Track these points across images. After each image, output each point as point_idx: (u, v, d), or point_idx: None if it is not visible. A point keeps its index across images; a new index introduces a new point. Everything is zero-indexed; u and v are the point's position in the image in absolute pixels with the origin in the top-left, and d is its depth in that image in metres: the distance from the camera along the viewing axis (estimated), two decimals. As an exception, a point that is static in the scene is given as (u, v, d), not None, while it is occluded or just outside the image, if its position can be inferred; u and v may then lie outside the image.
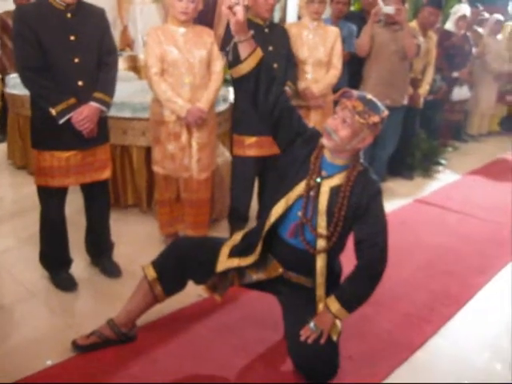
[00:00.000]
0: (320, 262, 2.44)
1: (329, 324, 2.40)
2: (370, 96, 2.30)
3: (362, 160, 2.40)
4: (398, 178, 5.61)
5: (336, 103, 2.41)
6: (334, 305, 2.39)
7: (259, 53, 2.41)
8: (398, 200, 4.99)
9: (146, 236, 3.94)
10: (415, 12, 5.79)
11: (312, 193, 2.38)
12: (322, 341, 2.36)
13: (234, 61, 2.46)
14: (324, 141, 2.34)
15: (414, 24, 5.14)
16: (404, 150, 5.45)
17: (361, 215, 2.34)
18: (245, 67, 2.40)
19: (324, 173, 2.38)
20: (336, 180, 2.36)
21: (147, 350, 2.64)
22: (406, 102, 4.91)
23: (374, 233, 2.36)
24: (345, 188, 2.33)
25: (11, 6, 5.58)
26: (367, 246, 2.36)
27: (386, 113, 2.28)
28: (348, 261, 2.52)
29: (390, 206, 4.79)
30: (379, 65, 4.70)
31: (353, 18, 5.07)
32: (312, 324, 2.40)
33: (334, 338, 2.42)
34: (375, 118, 2.24)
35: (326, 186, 2.37)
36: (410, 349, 2.76)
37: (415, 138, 5.71)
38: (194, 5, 3.28)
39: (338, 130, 2.28)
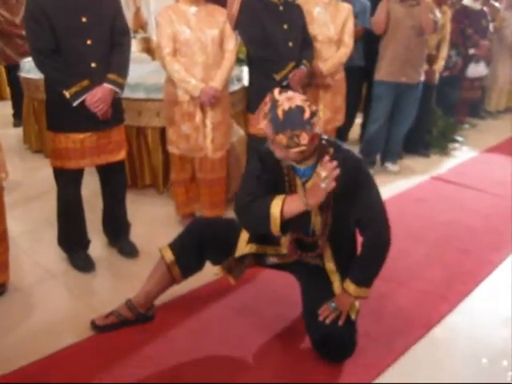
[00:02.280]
0: (327, 251, 2.48)
1: (347, 304, 2.40)
2: (279, 113, 2.05)
3: (324, 141, 2.26)
4: (415, 156, 5.57)
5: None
6: (350, 287, 2.39)
7: None
8: (414, 177, 4.97)
9: (163, 216, 3.96)
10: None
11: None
12: (341, 322, 2.36)
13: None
14: (283, 160, 2.24)
15: (429, -1, 5.06)
16: (420, 127, 5.39)
17: (351, 193, 2.29)
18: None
19: (304, 179, 2.32)
20: None
21: (164, 330, 2.67)
22: (422, 78, 4.85)
23: (369, 207, 2.33)
24: None
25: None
26: (366, 222, 2.35)
27: (306, 114, 2.05)
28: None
29: (406, 183, 4.80)
30: (395, 41, 4.63)
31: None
32: (332, 304, 2.40)
33: (353, 316, 2.43)
34: (304, 136, 2.04)
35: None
36: (426, 326, 2.76)
37: (432, 115, 5.65)
38: None
39: (287, 155, 2.18)
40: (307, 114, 2.06)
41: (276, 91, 2.14)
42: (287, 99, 2.08)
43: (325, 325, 2.38)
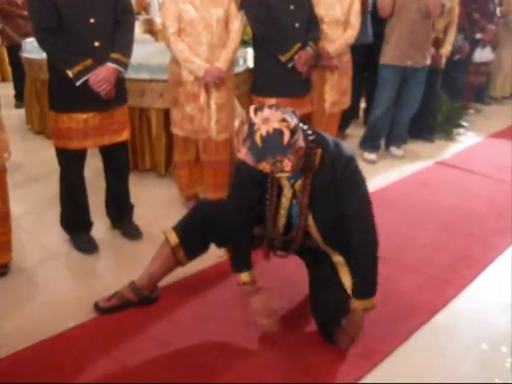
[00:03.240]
0: (327, 250, 2.47)
1: (361, 321, 2.34)
2: (257, 140, 1.94)
3: (311, 141, 2.16)
4: (419, 141, 5.53)
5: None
6: (356, 304, 2.32)
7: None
8: (419, 162, 4.94)
9: (165, 199, 3.94)
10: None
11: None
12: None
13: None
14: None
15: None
16: (425, 111, 5.34)
17: (337, 191, 2.24)
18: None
19: (293, 181, 2.29)
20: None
21: (168, 312, 2.66)
22: (428, 62, 4.80)
23: (354, 203, 2.25)
24: (305, 180, 2.25)
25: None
26: (352, 223, 2.27)
27: (285, 137, 1.93)
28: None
29: (411, 167, 4.78)
30: (401, 25, 4.57)
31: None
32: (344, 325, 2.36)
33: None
34: (287, 163, 1.95)
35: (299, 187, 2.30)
36: (431, 310, 2.74)
37: (436, 100, 5.60)
38: None
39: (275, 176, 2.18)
40: (286, 137, 1.93)
41: (251, 111, 1.99)
42: (263, 122, 1.94)
43: (329, 309, 2.37)
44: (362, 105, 5.89)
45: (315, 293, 2.48)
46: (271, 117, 1.95)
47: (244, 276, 2.44)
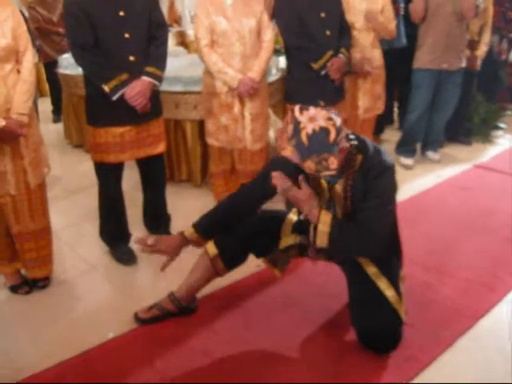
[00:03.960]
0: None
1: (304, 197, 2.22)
2: (303, 138, 1.97)
3: (354, 146, 2.17)
4: (456, 144, 5.44)
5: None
6: (325, 219, 2.21)
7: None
8: (457, 166, 4.87)
9: (202, 209, 3.89)
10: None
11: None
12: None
13: None
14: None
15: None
16: (461, 114, 5.26)
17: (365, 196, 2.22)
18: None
19: (330, 184, 2.30)
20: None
21: (207, 322, 2.67)
22: (464, 64, 4.73)
23: (372, 207, 2.19)
24: (346, 184, 2.24)
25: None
26: (363, 215, 2.22)
27: (332, 135, 1.96)
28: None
29: (449, 171, 4.71)
30: (435, 27, 4.52)
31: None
32: None
33: (403, 316, 2.38)
34: (332, 161, 1.98)
35: (337, 190, 2.30)
36: (474, 317, 2.69)
37: (473, 102, 5.52)
38: None
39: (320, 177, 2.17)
40: (332, 135, 1.96)
41: (297, 110, 2.01)
42: (310, 120, 1.97)
43: (370, 315, 2.35)
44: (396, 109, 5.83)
45: (354, 302, 2.46)
46: (317, 115, 1.98)
47: (191, 231, 2.57)
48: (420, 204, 4.03)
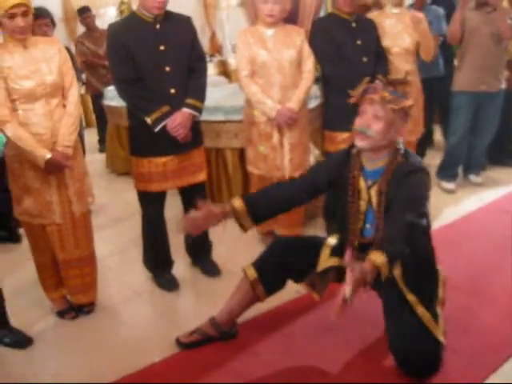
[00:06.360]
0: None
1: (365, 273, 2.19)
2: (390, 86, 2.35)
3: (401, 149, 2.42)
4: (499, 166, 5.35)
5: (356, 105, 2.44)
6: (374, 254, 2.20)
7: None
8: (499, 189, 4.79)
9: (242, 235, 3.98)
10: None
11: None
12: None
13: None
14: (358, 143, 2.38)
15: (505, 3, 4.89)
16: (503, 136, 5.20)
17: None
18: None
19: (369, 182, 2.42)
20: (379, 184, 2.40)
21: (248, 346, 2.71)
22: (503, 85, 4.69)
23: (407, 200, 2.26)
24: (381, 184, 2.38)
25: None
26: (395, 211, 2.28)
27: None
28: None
29: (491, 195, 4.64)
30: (473, 50, 4.51)
31: (440, 2, 4.99)
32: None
33: (441, 338, 2.38)
34: (408, 102, 2.30)
35: (374, 192, 2.42)
36: (516, 343, 2.65)
37: (515, 124, 5.43)
38: (280, 6, 3.30)
39: (370, 125, 2.32)
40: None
41: None
42: None
43: (408, 341, 2.34)
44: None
45: (391, 326, 2.46)
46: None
47: (239, 203, 2.66)
48: (463, 229, 3.99)
